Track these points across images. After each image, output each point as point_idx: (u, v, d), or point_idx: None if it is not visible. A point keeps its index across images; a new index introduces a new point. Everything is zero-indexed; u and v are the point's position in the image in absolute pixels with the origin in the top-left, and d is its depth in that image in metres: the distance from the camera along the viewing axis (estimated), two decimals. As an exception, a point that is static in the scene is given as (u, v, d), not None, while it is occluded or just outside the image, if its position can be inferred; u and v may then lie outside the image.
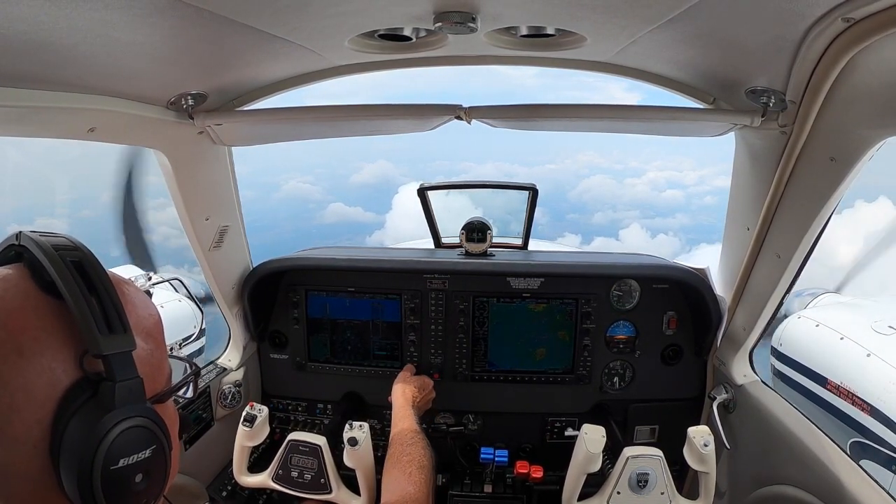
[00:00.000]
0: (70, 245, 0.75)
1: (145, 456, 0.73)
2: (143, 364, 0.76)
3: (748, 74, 1.55)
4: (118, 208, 7.44)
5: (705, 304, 2.32)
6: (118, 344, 0.71)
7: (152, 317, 0.84)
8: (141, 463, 0.73)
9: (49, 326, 0.69)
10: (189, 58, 1.48)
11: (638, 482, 1.79)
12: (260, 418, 1.98)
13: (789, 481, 1.89)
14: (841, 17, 1.12)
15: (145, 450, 0.73)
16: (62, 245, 0.74)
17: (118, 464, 0.70)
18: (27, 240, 0.74)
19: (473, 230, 2.53)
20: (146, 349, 0.79)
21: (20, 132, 1.46)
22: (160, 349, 0.83)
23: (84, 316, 0.69)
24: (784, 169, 1.70)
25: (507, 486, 2.37)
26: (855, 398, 4.01)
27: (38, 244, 0.72)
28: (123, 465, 0.71)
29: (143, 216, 7.51)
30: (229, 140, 2.03)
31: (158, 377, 0.82)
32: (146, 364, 0.77)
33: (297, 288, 2.56)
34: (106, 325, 0.71)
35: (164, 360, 0.85)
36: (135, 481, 0.72)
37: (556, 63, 1.87)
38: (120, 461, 0.70)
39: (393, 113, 1.90)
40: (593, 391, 2.56)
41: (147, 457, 0.74)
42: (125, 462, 0.71)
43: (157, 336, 0.84)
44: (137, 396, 0.73)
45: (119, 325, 0.72)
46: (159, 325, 0.85)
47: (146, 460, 0.73)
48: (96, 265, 0.75)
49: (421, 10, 1.30)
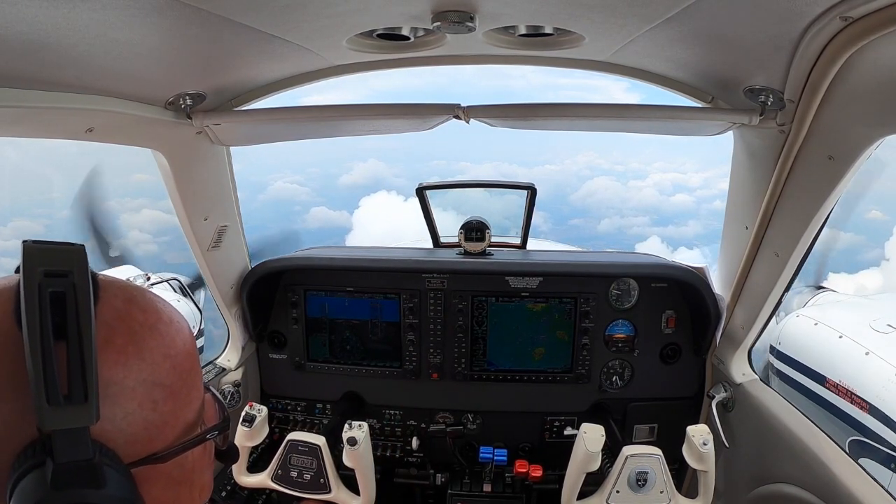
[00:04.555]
0: (62, 270, 0.60)
1: None
2: (134, 423, 0.64)
3: (746, 73, 1.55)
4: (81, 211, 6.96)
5: (704, 303, 2.32)
6: (68, 418, 0.57)
7: (173, 363, 0.69)
8: None
9: (16, 370, 0.58)
10: (187, 58, 1.48)
11: (637, 481, 1.79)
12: (259, 418, 1.98)
13: (788, 479, 1.89)
14: (839, 16, 1.12)
15: None
16: (54, 269, 0.59)
17: None
18: (27, 254, 0.60)
19: (472, 229, 2.53)
20: (147, 405, 0.66)
21: (18, 132, 1.45)
22: (176, 400, 0.70)
23: (35, 374, 0.56)
24: (782, 167, 1.70)
25: (507, 485, 2.38)
26: (854, 396, 4.02)
27: (28, 266, 0.59)
28: None
29: (107, 219, 7.15)
30: (228, 140, 2.03)
31: (162, 433, 0.68)
32: (140, 423, 0.65)
33: (296, 288, 2.56)
34: (66, 389, 0.57)
35: (180, 411, 0.71)
36: None
37: (555, 62, 1.87)
38: None
39: (391, 112, 1.90)
40: (592, 390, 2.56)
41: None
42: None
43: (177, 385, 0.70)
44: (90, 479, 0.59)
45: (80, 393, 0.58)
46: (186, 370, 0.72)
47: None
48: (81, 303, 0.60)
49: (419, 10, 1.30)
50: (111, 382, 0.62)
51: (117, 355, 0.64)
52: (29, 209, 44.96)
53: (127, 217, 8.21)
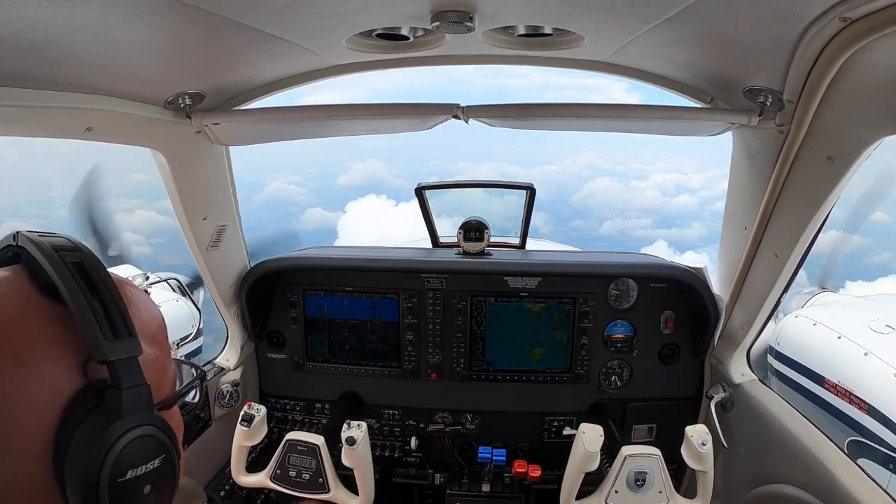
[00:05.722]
0: (70, 245, 0.71)
1: (154, 466, 0.70)
2: (149, 369, 0.72)
3: (745, 74, 1.56)
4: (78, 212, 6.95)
5: (703, 304, 2.32)
6: (124, 349, 0.68)
7: (156, 319, 0.81)
8: (150, 473, 0.69)
9: (49, 332, 0.66)
10: (186, 57, 1.48)
11: (636, 481, 1.79)
12: (258, 418, 1.98)
13: (787, 480, 1.89)
14: (838, 17, 1.12)
15: (154, 460, 0.70)
16: (62, 245, 0.70)
17: (126, 475, 0.67)
18: (25, 240, 0.70)
19: (471, 229, 2.53)
20: (151, 354, 0.75)
21: (18, 132, 1.45)
22: (164, 353, 0.80)
23: (87, 320, 0.65)
24: (781, 168, 1.70)
25: (506, 485, 2.38)
26: (853, 397, 4.02)
27: (37, 244, 0.69)
28: (132, 476, 0.67)
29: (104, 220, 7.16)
30: (227, 139, 2.02)
31: (164, 383, 0.79)
32: (151, 369, 0.74)
33: (295, 288, 2.56)
34: (111, 330, 0.67)
35: (168, 364, 0.82)
36: (143, 493, 0.69)
37: (554, 62, 1.87)
38: (128, 472, 0.67)
39: (390, 112, 1.90)
40: (591, 390, 2.56)
41: (156, 467, 0.70)
42: (133, 473, 0.67)
43: (162, 340, 0.80)
44: (145, 404, 0.70)
45: (124, 330, 0.69)
46: (163, 327, 0.82)
47: (155, 471, 0.70)
48: (98, 266, 0.71)
49: (418, 10, 1.30)
50: None
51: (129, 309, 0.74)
52: (24, 209, 44.78)
53: (120, 218, 8.21)
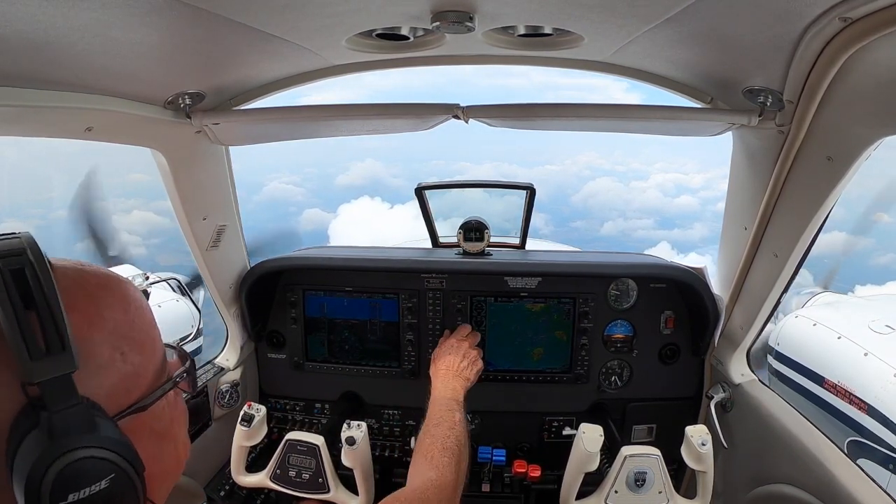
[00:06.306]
0: (16, 250, 0.67)
1: (101, 487, 0.65)
2: (110, 375, 0.70)
3: (745, 74, 1.56)
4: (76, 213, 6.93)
5: (703, 304, 2.32)
6: (53, 368, 0.64)
7: (144, 324, 0.78)
8: (98, 495, 0.65)
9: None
10: (186, 57, 1.48)
11: (636, 481, 1.79)
12: (258, 418, 1.98)
13: (787, 480, 1.89)
14: (838, 17, 1.12)
15: (100, 481, 0.65)
16: (7, 250, 0.66)
17: (67, 499, 0.63)
18: None
19: (471, 229, 2.53)
20: (117, 357, 0.72)
21: (17, 131, 1.45)
22: (142, 352, 0.77)
23: (13, 337, 0.62)
24: (781, 168, 1.70)
25: (505, 485, 2.38)
26: (853, 397, 4.02)
27: None
28: (73, 500, 0.64)
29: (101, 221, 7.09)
30: (227, 139, 2.02)
31: (137, 384, 0.75)
32: (115, 374, 0.71)
33: (295, 287, 2.56)
34: (44, 345, 0.63)
35: (148, 362, 0.78)
36: None
37: (554, 62, 1.87)
38: (69, 496, 0.64)
39: (390, 112, 1.90)
40: (591, 390, 2.56)
41: (104, 488, 0.66)
42: (75, 497, 0.64)
43: (140, 337, 0.77)
44: (85, 423, 0.66)
45: (57, 344, 0.64)
46: (152, 333, 0.79)
47: (104, 492, 0.66)
48: (41, 272, 0.66)
49: (418, 10, 1.30)
50: (79, 339, 0.67)
51: (80, 315, 0.70)
52: (24, 209, 44.78)
53: (117, 218, 8.14)
